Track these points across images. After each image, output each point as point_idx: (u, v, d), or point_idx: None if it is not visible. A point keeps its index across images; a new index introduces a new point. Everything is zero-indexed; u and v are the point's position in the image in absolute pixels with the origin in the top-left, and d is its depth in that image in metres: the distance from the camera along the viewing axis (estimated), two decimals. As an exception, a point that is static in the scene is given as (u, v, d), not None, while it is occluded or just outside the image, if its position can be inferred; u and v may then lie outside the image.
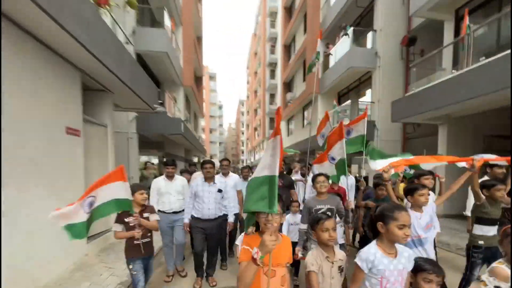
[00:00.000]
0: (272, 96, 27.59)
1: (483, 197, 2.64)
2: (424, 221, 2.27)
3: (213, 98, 50.21)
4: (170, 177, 3.47)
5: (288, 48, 19.43)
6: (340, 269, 1.80)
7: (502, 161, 2.86)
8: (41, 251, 2.92)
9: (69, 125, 3.44)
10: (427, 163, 3.00)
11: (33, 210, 2.78)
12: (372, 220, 1.60)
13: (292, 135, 18.38)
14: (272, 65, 26.89)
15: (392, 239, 1.49)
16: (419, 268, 1.51)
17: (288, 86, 19.64)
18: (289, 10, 19.09)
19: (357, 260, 1.55)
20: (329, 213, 2.55)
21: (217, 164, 6.48)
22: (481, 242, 2.63)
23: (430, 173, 2.97)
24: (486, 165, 3.49)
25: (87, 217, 2.01)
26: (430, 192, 2.66)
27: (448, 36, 6.81)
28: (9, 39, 2.50)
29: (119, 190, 2.21)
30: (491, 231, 2.63)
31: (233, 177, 4.10)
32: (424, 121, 7.13)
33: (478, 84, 4.69)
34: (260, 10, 31.92)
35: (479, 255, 2.63)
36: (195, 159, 19.57)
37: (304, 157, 5.37)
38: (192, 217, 3.18)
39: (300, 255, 2.57)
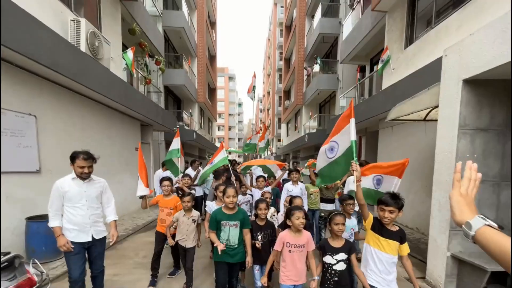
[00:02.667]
0: (280, 98, 30.92)
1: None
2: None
3: (232, 97, 54.53)
4: None
5: (287, 61, 22.70)
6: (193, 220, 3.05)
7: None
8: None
9: (135, 146, 7.61)
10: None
11: (125, 187, 6.92)
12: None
13: (290, 136, 21.85)
14: (281, 71, 30.09)
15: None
16: (380, 201, 2.05)
17: (287, 93, 23.01)
18: (288, 28, 22.25)
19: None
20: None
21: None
22: (322, 214, 4.21)
23: None
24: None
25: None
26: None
27: (368, 74, 9.96)
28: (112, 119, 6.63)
29: (223, 154, 4.31)
30: (329, 206, 4.32)
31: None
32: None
33: (369, 110, 7.79)
34: (271, 19, 35.01)
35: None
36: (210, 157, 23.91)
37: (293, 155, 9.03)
38: None
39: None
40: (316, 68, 13.71)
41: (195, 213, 3.13)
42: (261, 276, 2.72)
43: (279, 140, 27.36)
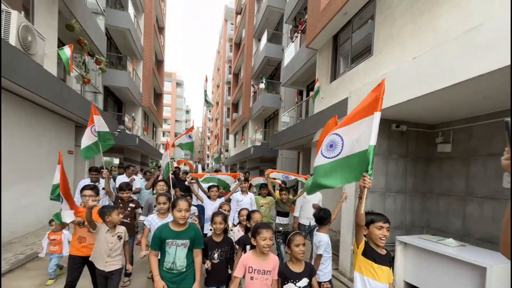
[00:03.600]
0: (229, 109, 31.61)
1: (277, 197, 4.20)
2: (214, 206, 3.92)
3: (179, 103, 52.74)
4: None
5: (236, 76, 23.69)
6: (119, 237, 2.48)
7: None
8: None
9: (69, 148, 6.94)
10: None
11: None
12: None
13: (237, 147, 22.51)
14: (229, 83, 30.95)
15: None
16: (371, 220, 1.79)
17: (235, 106, 23.84)
18: (237, 45, 23.41)
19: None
20: None
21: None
22: (280, 228, 4.02)
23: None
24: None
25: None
26: None
27: (305, 98, 11.41)
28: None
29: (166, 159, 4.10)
30: (285, 220, 4.09)
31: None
32: (289, 149, 11.58)
33: (303, 130, 8.86)
34: (221, 33, 36.06)
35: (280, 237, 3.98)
36: (154, 163, 22.64)
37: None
38: None
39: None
40: (262, 86, 14.88)
41: (121, 229, 2.60)
42: None
43: (226, 150, 27.73)
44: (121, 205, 3.36)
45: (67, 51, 5.91)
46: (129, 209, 3.40)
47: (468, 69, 2.47)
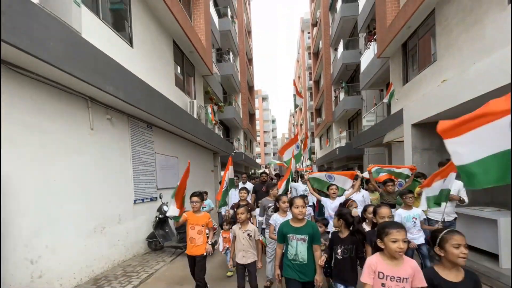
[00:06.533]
0: (312, 114, 33.13)
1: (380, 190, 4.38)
2: (333, 204, 3.71)
3: (266, 116, 58.12)
4: None
5: (317, 82, 25.19)
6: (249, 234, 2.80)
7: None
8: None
9: (212, 168, 10.76)
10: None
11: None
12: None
13: (323, 149, 23.85)
14: (311, 89, 32.51)
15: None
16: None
17: (318, 111, 25.28)
18: (316, 55, 24.94)
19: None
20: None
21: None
22: None
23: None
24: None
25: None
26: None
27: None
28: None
29: (231, 172, 4.44)
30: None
31: None
32: (375, 146, 12.26)
33: (378, 131, 9.90)
34: (299, 43, 38.20)
35: None
36: (252, 171, 27.00)
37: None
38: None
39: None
40: (342, 91, 16.01)
41: (251, 227, 2.93)
42: None
43: (313, 153, 29.30)
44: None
45: (209, 110, 9.59)
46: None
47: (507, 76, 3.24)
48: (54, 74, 3.34)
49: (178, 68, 8.68)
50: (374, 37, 10.60)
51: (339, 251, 2.44)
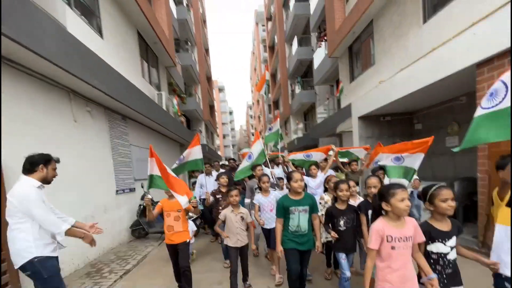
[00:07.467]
0: (270, 106, 34.61)
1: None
2: (315, 182, 4.04)
3: (223, 107, 57.96)
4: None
5: (274, 76, 26.45)
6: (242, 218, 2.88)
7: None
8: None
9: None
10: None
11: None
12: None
13: (283, 140, 25.50)
14: (268, 82, 33.74)
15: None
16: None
17: (276, 104, 26.72)
18: (271, 48, 26.05)
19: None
20: None
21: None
22: None
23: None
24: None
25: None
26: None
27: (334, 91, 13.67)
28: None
29: (198, 151, 3.86)
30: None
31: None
32: (328, 136, 14.01)
33: (335, 121, 11.48)
34: (254, 35, 38.90)
35: None
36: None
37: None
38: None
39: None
40: (298, 85, 17.45)
41: (243, 210, 2.98)
42: (349, 265, 2.62)
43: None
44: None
45: (174, 102, 9.70)
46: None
47: (427, 79, 4.53)
48: (42, 68, 3.40)
49: (144, 59, 8.58)
50: (325, 37, 11.97)
51: (341, 222, 2.59)
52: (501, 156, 1.97)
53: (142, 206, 5.43)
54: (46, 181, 2.20)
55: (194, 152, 4.00)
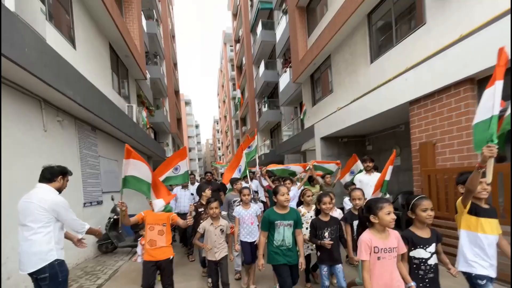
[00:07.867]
0: (237, 122, 35.20)
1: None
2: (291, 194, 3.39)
3: (190, 120, 57.02)
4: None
5: (242, 94, 27.33)
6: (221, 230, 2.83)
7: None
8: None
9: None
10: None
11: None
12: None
13: (248, 156, 26.03)
14: (235, 99, 34.49)
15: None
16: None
17: (243, 120, 27.46)
18: (239, 68, 27.14)
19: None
20: None
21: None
22: None
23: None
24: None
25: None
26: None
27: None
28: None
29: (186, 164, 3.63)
30: None
31: None
32: (293, 153, 14.95)
33: (298, 140, 12.33)
34: (222, 54, 40.01)
35: None
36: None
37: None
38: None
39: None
40: (265, 105, 18.42)
41: (223, 222, 2.95)
42: (329, 276, 2.69)
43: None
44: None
45: (144, 114, 9.61)
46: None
47: (374, 110, 5.51)
48: (15, 75, 3.36)
49: (114, 71, 8.47)
50: (290, 65, 13.17)
51: (326, 234, 2.64)
52: (459, 174, 2.27)
53: (111, 219, 5.25)
54: (60, 190, 2.39)
55: (183, 165, 3.83)
